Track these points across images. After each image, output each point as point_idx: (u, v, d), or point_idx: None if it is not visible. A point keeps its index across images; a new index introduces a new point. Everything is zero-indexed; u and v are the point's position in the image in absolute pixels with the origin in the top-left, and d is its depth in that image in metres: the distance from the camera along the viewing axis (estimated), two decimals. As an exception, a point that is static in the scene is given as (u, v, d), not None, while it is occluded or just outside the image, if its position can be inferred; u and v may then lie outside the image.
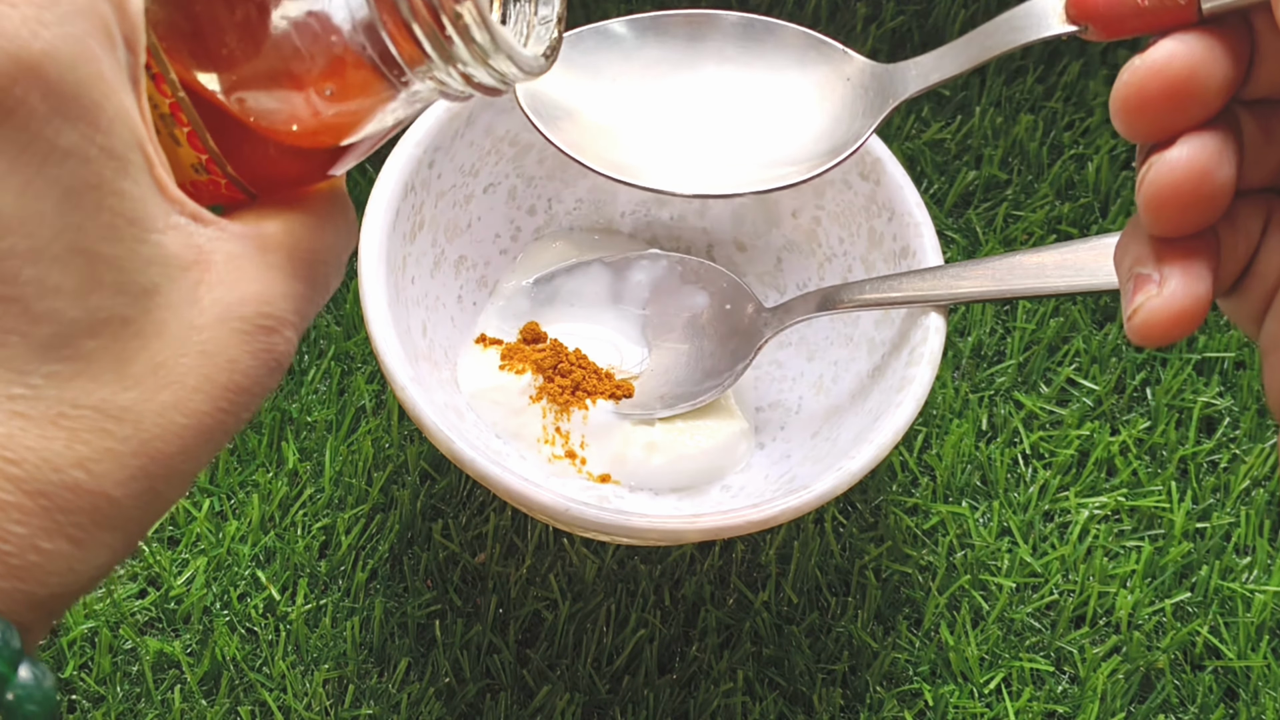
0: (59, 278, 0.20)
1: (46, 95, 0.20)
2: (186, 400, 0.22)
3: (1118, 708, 0.47)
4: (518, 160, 0.49)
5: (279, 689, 0.45)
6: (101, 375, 0.21)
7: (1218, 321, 0.54)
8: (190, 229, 0.22)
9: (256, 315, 0.23)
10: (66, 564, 0.21)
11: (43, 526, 0.20)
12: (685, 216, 0.52)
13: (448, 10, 0.22)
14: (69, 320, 0.20)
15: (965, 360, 0.53)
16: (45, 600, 0.21)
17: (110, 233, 0.21)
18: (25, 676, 0.20)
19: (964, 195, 0.56)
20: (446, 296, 0.48)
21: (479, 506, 0.48)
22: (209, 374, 0.22)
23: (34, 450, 0.20)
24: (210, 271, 0.22)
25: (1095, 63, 0.59)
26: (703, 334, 0.48)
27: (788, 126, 0.32)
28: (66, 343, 0.20)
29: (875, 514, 0.50)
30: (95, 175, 0.20)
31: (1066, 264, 0.43)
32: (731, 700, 0.46)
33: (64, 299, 0.20)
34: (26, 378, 0.20)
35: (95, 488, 0.21)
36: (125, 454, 0.21)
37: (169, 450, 0.21)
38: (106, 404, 0.21)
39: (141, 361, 0.21)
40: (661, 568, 0.48)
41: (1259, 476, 0.51)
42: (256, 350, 0.23)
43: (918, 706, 0.47)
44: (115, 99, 0.21)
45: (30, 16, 0.19)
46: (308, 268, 0.24)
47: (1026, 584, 0.49)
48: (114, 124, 0.21)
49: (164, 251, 0.21)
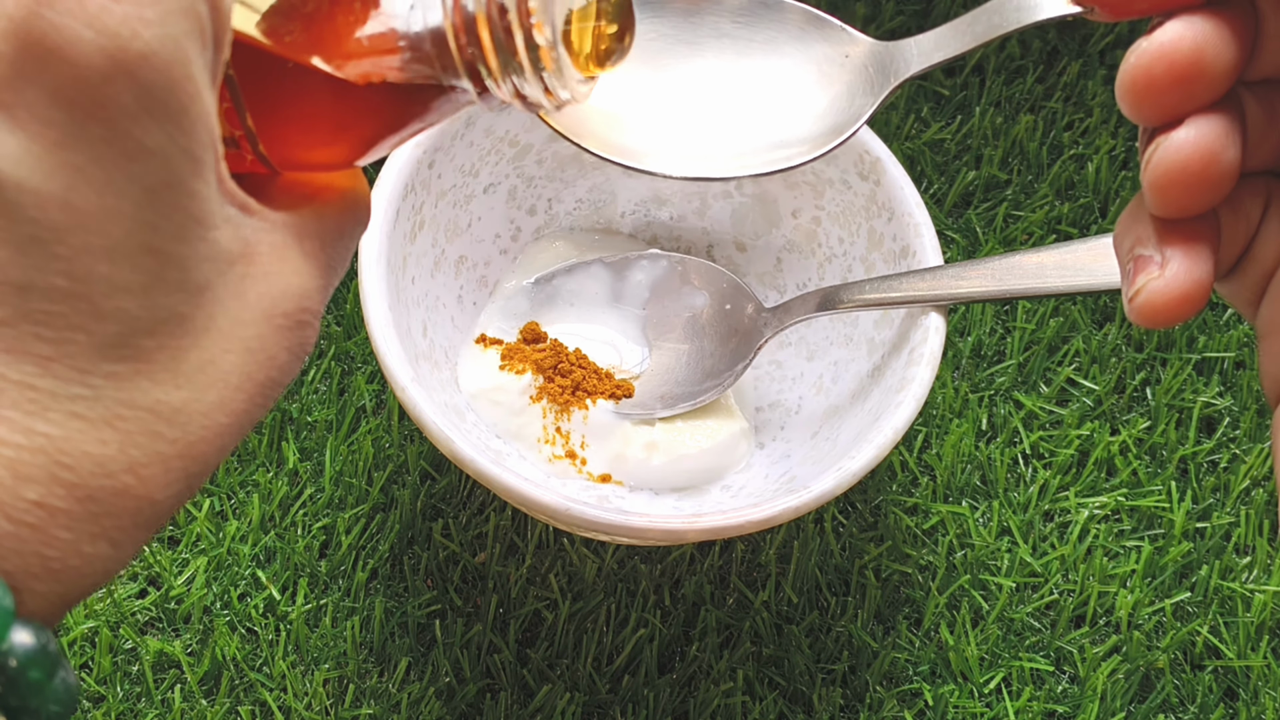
0: (129, 276, 0.20)
1: (139, 95, 0.20)
2: (230, 399, 0.22)
3: (1118, 707, 0.47)
4: (518, 160, 0.49)
5: (279, 689, 0.45)
6: (157, 375, 0.21)
7: (1218, 321, 0.54)
8: (239, 221, 0.22)
9: (297, 310, 0.23)
10: (103, 566, 0.20)
11: (88, 531, 0.20)
12: (685, 216, 0.52)
13: (523, 25, 0.22)
14: (133, 318, 0.20)
15: (965, 360, 0.53)
16: (76, 598, 0.21)
17: (180, 231, 0.21)
18: (61, 680, 0.20)
19: (964, 195, 0.56)
20: (447, 296, 0.48)
21: (479, 506, 0.48)
22: (250, 371, 0.22)
23: (89, 455, 0.20)
24: (255, 264, 0.22)
25: (1095, 63, 0.59)
26: (703, 334, 0.48)
27: (788, 106, 0.31)
28: (128, 342, 0.20)
29: (875, 514, 0.50)
30: (174, 175, 0.20)
31: (1066, 264, 0.43)
32: (731, 700, 0.46)
33: (131, 298, 0.20)
34: (88, 377, 0.20)
35: (143, 493, 0.21)
36: (171, 456, 0.21)
37: (208, 451, 0.21)
38: (160, 405, 0.21)
39: (192, 360, 0.21)
40: (661, 568, 0.48)
41: (1259, 476, 0.51)
42: (293, 345, 0.23)
43: (918, 706, 0.47)
44: (200, 100, 0.21)
45: (131, 15, 0.19)
46: (337, 256, 0.24)
47: (1026, 584, 0.49)
48: (196, 125, 0.21)
49: (218, 248, 0.21)
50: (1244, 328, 0.53)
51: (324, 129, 0.24)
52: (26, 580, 0.20)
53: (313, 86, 0.23)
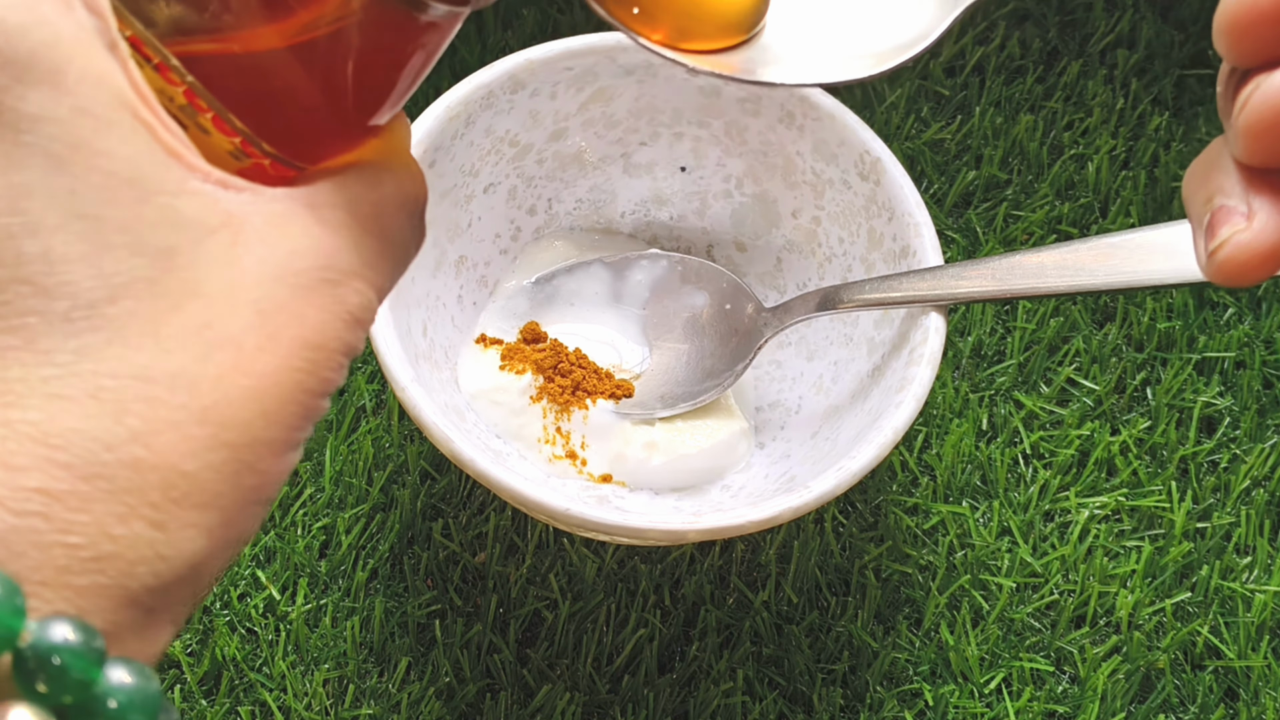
0: (63, 246, 0.19)
1: (2, 65, 0.19)
2: (249, 361, 0.21)
3: (1118, 708, 0.47)
4: (518, 160, 0.49)
5: (279, 689, 0.45)
6: (135, 340, 0.20)
7: (1218, 321, 0.54)
8: (215, 194, 0.21)
9: (315, 269, 0.22)
10: (151, 550, 0.19)
11: (110, 511, 0.19)
12: (685, 216, 0.52)
13: None
14: (85, 289, 0.19)
15: (965, 360, 0.53)
16: (139, 594, 0.19)
17: (106, 194, 0.20)
18: (120, 679, 0.19)
19: (964, 195, 0.56)
20: (447, 296, 0.48)
21: (479, 506, 0.48)
22: (272, 332, 0.21)
23: (80, 431, 0.19)
24: (244, 233, 0.21)
25: (1095, 63, 0.59)
26: (703, 334, 0.48)
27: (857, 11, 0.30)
28: (88, 313, 0.19)
29: (875, 514, 0.50)
30: (73, 136, 0.20)
31: (1066, 264, 0.43)
32: (731, 700, 0.46)
33: (74, 267, 0.19)
34: (53, 355, 0.19)
35: (160, 462, 0.19)
36: (187, 423, 0.20)
37: (242, 415, 0.20)
38: (149, 370, 0.20)
39: (176, 324, 0.20)
40: (661, 568, 0.48)
41: (1259, 476, 0.51)
42: (324, 304, 0.22)
43: (918, 706, 0.47)
44: (80, 60, 0.20)
45: None
46: (373, 221, 0.23)
47: (1026, 584, 0.49)
48: (82, 84, 0.20)
49: (178, 215, 0.20)
50: (1244, 327, 0.53)
51: (304, 97, 0.23)
52: (59, 575, 0.19)
53: (270, 63, 0.22)
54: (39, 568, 0.19)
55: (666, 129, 0.50)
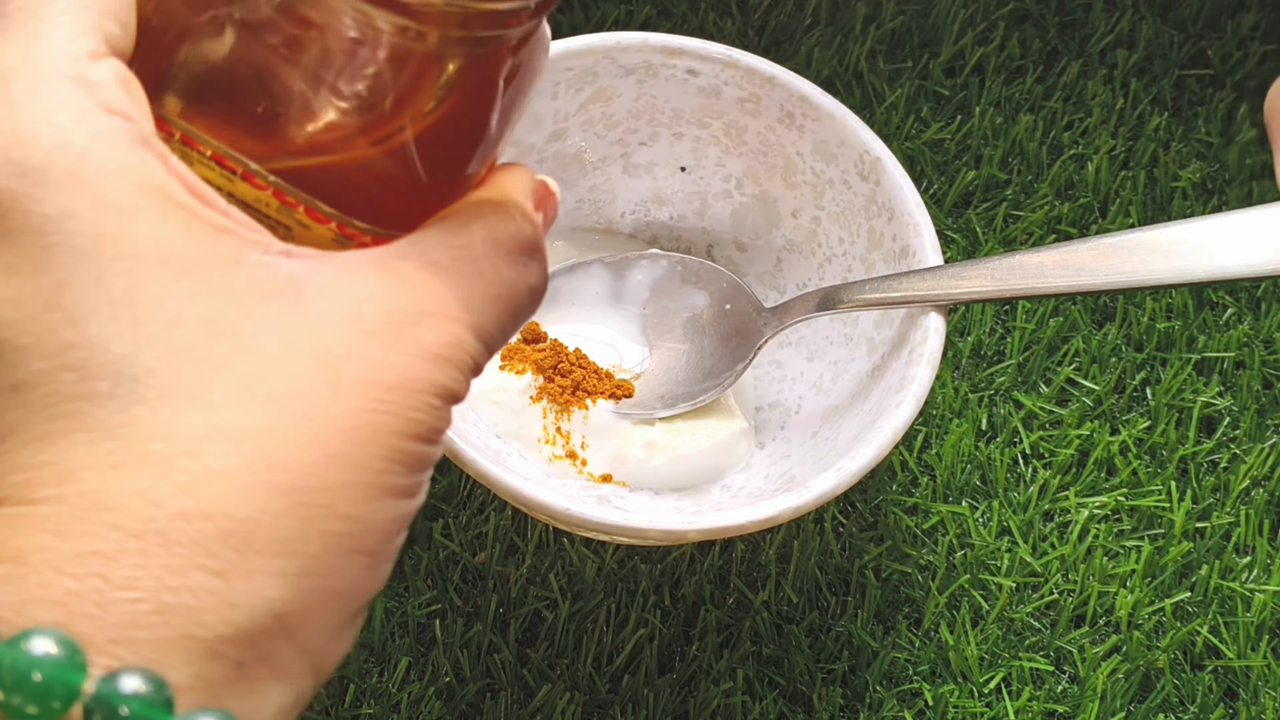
0: (99, 330, 0.20)
1: (21, 174, 0.20)
2: (308, 407, 0.21)
3: (1118, 707, 0.47)
4: (518, 160, 0.49)
5: (279, 689, 0.45)
6: (181, 405, 0.20)
7: (1218, 321, 0.54)
8: (275, 263, 0.22)
9: (381, 314, 0.22)
10: (215, 598, 0.20)
11: (165, 564, 0.20)
12: (685, 216, 0.52)
13: None
14: (125, 366, 0.20)
15: (965, 360, 0.53)
16: (215, 644, 0.20)
17: (133, 278, 0.21)
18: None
19: (964, 195, 0.56)
20: (447, 296, 0.48)
21: (479, 506, 0.49)
22: (335, 378, 0.21)
23: (130, 492, 0.20)
24: (305, 292, 0.22)
25: (1095, 63, 0.59)
26: (703, 334, 0.48)
27: None
28: (131, 386, 0.20)
29: (875, 514, 0.50)
30: (95, 229, 0.21)
31: (1066, 264, 0.43)
32: (731, 700, 0.46)
33: (110, 348, 0.20)
34: (106, 431, 0.20)
35: (212, 510, 0.20)
36: (235, 471, 0.20)
37: (300, 459, 0.21)
38: (194, 429, 0.20)
39: (223, 384, 0.21)
40: (661, 568, 0.48)
41: (1259, 476, 0.51)
42: (397, 346, 0.22)
43: (918, 706, 0.47)
44: (99, 157, 0.21)
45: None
46: (460, 264, 0.23)
47: (1026, 584, 0.49)
48: (102, 178, 0.21)
49: (225, 285, 0.21)
50: (1244, 327, 0.53)
51: (397, 185, 0.23)
52: (125, 631, 0.19)
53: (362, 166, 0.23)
54: (104, 626, 0.19)
55: (666, 129, 0.50)
